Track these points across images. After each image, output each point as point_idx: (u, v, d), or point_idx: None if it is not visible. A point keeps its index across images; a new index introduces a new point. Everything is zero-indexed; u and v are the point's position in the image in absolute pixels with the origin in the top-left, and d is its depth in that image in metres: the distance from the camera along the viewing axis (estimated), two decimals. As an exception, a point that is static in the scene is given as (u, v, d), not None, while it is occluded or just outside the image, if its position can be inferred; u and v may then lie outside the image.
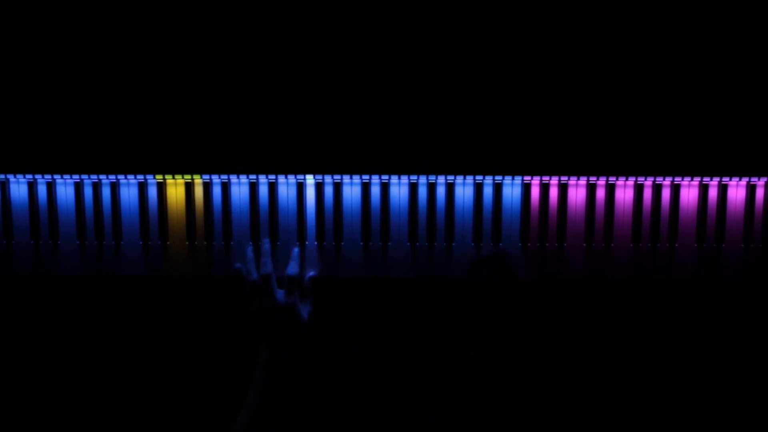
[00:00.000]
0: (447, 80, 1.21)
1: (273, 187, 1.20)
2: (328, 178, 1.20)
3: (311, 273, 1.19)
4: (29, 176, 1.20)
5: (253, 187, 1.20)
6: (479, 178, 1.19)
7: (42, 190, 1.20)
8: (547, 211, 1.20)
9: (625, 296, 1.25)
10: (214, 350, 1.27)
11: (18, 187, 1.20)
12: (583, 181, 1.20)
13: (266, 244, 1.18)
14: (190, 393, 1.27)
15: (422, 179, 1.20)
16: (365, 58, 1.21)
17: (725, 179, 1.19)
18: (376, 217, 1.20)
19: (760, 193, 1.19)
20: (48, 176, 1.20)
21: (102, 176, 1.19)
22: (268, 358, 1.11)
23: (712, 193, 1.19)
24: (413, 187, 1.20)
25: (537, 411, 1.08)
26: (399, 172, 1.19)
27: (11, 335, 1.27)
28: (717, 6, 1.19)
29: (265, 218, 1.20)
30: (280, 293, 1.14)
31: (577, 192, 1.20)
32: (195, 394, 1.27)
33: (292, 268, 1.16)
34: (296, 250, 1.19)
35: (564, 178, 1.19)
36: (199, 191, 1.20)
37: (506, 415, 1.08)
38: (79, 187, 1.20)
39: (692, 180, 1.19)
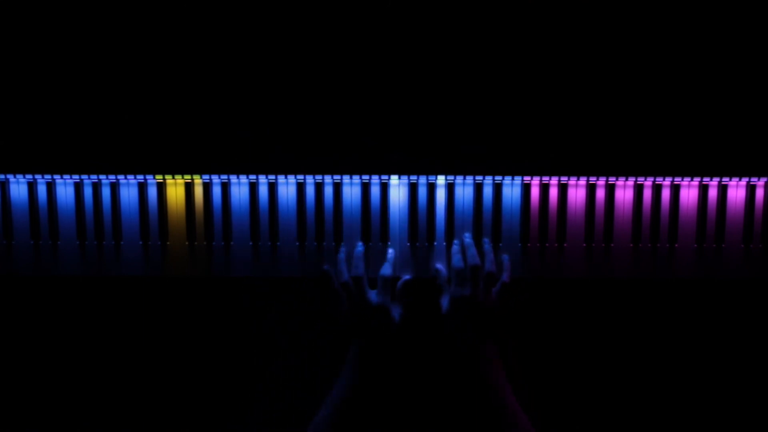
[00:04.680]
0: (447, 80, 1.21)
1: (273, 187, 1.20)
2: (328, 178, 1.20)
3: (406, 277, 1.19)
4: (29, 176, 1.20)
5: (253, 187, 1.20)
6: (479, 178, 1.19)
7: (42, 190, 1.20)
8: (547, 211, 1.20)
9: (625, 296, 1.25)
10: (214, 350, 1.27)
11: (18, 187, 1.20)
12: (583, 181, 1.20)
13: (360, 246, 1.19)
14: (190, 393, 1.27)
15: (422, 179, 1.20)
16: (365, 58, 1.21)
17: (725, 179, 1.19)
18: (376, 217, 1.20)
19: (760, 193, 1.19)
20: (48, 176, 1.20)
21: (102, 176, 1.19)
22: (355, 358, 1.11)
23: (712, 193, 1.19)
24: (413, 187, 1.20)
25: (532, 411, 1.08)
26: (399, 172, 1.19)
27: (11, 335, 1.27)
28: (717, 6, 1.19)
29: (265, 218, 1.20)
30: (372, 294, 1.15)
31: (577, 192, 1.20)
32: (196, 394, 1.27)
33: (386, 269, 1.16)
34: (391, 251, 1.19)
35: (564, 178, 1.19)
36: (199, 191, 1.20)
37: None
38: (79, 187, 1.20)
39: (692, 180, 1.19)
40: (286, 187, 1.20)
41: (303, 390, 1.26)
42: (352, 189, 1.20)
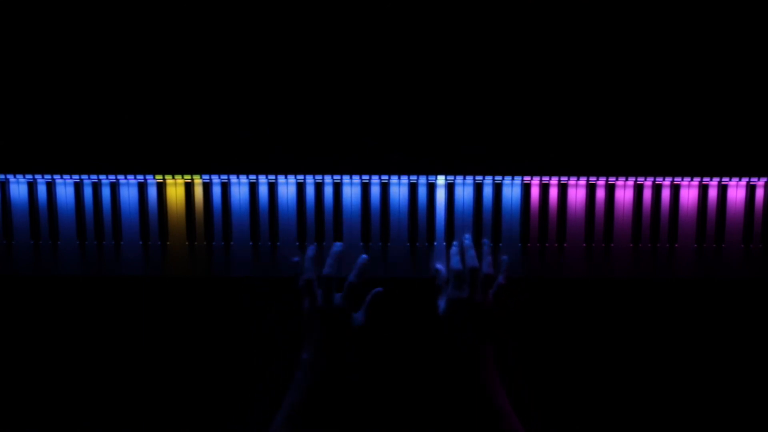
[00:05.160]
0: (447, 80, 1.21)
1: (273, 187, 1.20)
2: (328, 178, 1.20)
3: (378, 289, 1.17)
4: (29, 176, 1.20)
5: (253, 187, 1.20)
6: (479, 178, 1.19)
7: (42, 190, 1.20)
8: (547, 211, 1.20)
9: (625, 296, 1.25)
10: (214, 350, 1.27)
11: (18, 187, 1.20)
12: (583, 181, 1.20)
13: (336, 246, 1.17)
14: (190, 393, 1.27)
15: (422, 179, 1.20)
16: (365, 58, 1.21)
17: (725, 179, 1.19)
18: (376, 217, 1.20)
19: (760, 193, 1.19)
20: (48, 176, 1.20)
21: (102, 176, 1.19)
22: (311, 359, 1.10)
23: (712, 193, 1.19)
24: (413, 187, 1.20)
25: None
26: (399, 172, 1.19)
27: (11, 335, 1.27)
28: (717, 6, 1.19)
29: (265, 218, 1.20)
30: (336, 297, 1.13)
31: (577, 192, 1.20)
32: (195, 394, 1.27)
33: (354, 275, 1.15)
34: (363, 257, 1.18)
35: (564, 178, 1.19)
36: (199, 191, 1.20)
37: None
38: (78, 187, 1.20)
39: (692, 180, 1.19)
40: (286, 187, 1.20)
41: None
42: (352, 189, 1.20)
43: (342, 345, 1.11)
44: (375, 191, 1.20)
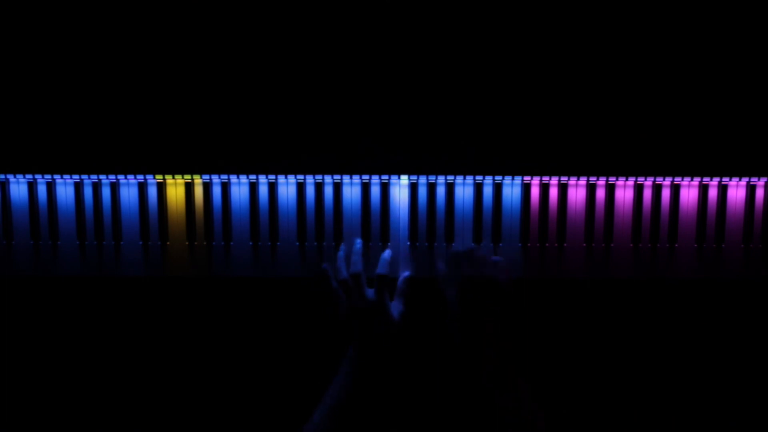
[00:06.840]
0: (447, 80, 1.21)
1: (273, 187, 1.20)
2: (328, 178, 1.20)
3: (406, 273, 1.19)
4: (29, 176, 1.20)
5: (253, 187, 1.20)
6: (479, 178, 1.19)
7: (42, 190, 1.20)
8: (547, 211, 1.20)
9: (625, 296, 1.25)
10: (214, 350, 1.27)
11: (18, 187, 1.20)
12: (583, 181, 1.20)
13: (358, 244, 1.19)
14: (190, 393, 1.27)
15: (422, 179, 1.20)
16: (365, 58, 1.21)
17: (725, 179, 1.19)
18: (376, 217, 1.20)
19: (760, 193, 1.19)
20: (48, 176, 1.20)
21: (102, 176, 1.19)
22: (355, 357, 1.11)
23: (712, 193, 1.19)
24: (413, 187, 1.20)
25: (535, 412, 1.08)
26: (399, 172, 1.19)
27: (11, 335, 1.27)
28: (717, 6, 1.19)
29: (265, 218, 1.20)
30: (369, 292, 1.14)
31: (577, 192, 1.20)
32: (195, 394, 1.27)
33: (382, 268, 1.16)
34: (388, 251, 1.19)
35: (564, 178, 1.19)
36: (199, 191, 1.20)
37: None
38: (79, 187, 1.20)
39: (692, 180, 1.19)
40: (286, 187, 1.20)
41: (303, 390, 1.26)
42: (352, 189, 1.20)
43: (386, 340, 1.12)
44: (375, 191, 1.20)
